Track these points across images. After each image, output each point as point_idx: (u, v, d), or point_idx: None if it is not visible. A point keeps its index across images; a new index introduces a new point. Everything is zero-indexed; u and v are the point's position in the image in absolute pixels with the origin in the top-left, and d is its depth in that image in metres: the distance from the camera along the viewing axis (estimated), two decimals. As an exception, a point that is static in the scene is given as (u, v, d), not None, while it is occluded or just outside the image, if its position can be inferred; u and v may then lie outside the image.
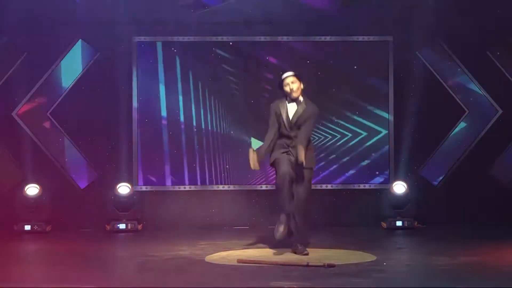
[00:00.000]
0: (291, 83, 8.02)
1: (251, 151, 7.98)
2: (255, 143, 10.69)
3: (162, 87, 10.69)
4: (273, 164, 8.11)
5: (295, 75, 8.05)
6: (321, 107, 8.48)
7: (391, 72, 10.75)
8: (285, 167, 7.89)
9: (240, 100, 10.77)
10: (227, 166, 10.76)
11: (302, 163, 7.84)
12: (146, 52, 10.68)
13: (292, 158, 7.94)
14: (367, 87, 10.79)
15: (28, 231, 10.06)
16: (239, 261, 7.59)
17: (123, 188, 10.31)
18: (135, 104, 10.63)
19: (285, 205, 7.91)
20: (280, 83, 8.09)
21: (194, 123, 10.73)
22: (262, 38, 10.75)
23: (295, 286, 6.40)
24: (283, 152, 7.99)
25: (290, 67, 10.37)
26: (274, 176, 8.27)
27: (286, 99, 8.09)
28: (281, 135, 8.07)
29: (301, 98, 8.06)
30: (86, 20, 10.55)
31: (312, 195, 8.25)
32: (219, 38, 10.73)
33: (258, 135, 10.66)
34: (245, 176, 10.74)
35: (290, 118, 7.99)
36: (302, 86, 8.07)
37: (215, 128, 10.74)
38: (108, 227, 10.25)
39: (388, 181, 10.71)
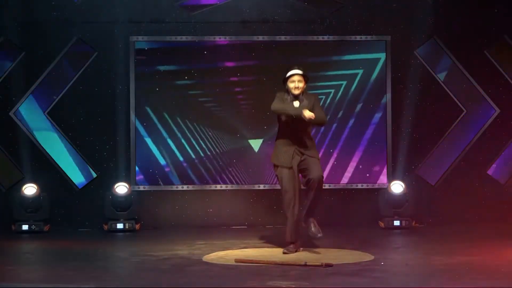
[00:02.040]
0: (298, 81, 8.03)
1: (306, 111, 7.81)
2: (254, 144, 10.70)
3: (158, 86, 10.72)
4: (275, 166, 8.13)
5: (303, 75, 8.06)
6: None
7: (389, 71, 10.75)
8: (289, 192, 7.94)
9: (237, 97, 10.78)
10: (225, 166, 10.75)
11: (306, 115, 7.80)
12: (143, 51, 10.67)
13: (298, 158, 7.99)
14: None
15: (26, 230, 10.05)
16: (237, 260, 7.59)
17: (121, 188, 10.30)
18: (132, 103, 10.62)
19: (291, 233, 8.03)
20: (286, 77, 8.07)
21: (192, 122, 10.72)
22: (260, 38, 10.75)
23: (293, 286, 6.40)
24: (288, 150, 8.00)
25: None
26: (274, 176, 8.23)
27: (289, 95, 8.09)
28: (285, 130, 8.07)
29: (301, 94, 8.09)
30: (84, 19, 10.56)
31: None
32: (217, 38, 10.73)
33: (254, 136, 10.69)
34: (243, 175, 10.74)
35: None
36: (306, 84, 8.11)
37: (213, 127, 10.73)
38: (105, 227, 10.25)
39: (386, 180, 10.71)
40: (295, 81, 8.04)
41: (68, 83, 10.63)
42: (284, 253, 7.99)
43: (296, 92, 8.03)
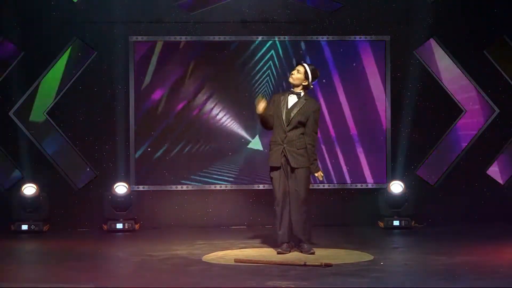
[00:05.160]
0: (297, 71, 8.08)
1: (261, 99, 8.02)
2: (255, 145, 10.69)
3: (158, 86, 10.71)
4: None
5: (305, 67, 8.07)
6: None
7: (388, 71, 10.75)
8: (278, 195, 7.99)
9: (239, 98, 10.75)
10: (225, 166, 10.74)
11: (321, 175, 8.12)
12: (142, 51, 10.67)
13: (286, 159, 7.99)
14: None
15: (25, 230, 10.05)
16: (236, 260, 7.59)
17: (120, 188, 10.30)
18: (132, 103, 10.62)
19: (278, 234, 8.07)
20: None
21: (191, 124, 10.71)
22: (260, 38, 10.75)
23: (292, 286, 6.40)
24: (278, 149, 8.01)
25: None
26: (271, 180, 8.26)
27: (288, 91, 8.13)
28: (276, 129, 8.07)
29: (302, 93, 8.08)
30: (83, 19, 10.56)
31: (311, 193, 8.27)
32: (216, 38, 10.72)
33: (251, 136, 10.69)
34: (242, 175, 10.74)
35: (291, 112, 7.98)
36: (306, 82, 8.09)
37: (212, 128, 10.72)
38: (105, 227, 10.25)
39: (385, 180, 10.71)
40: (295, 69, 8.10)
41: (68, 83, 10.62)
42: (278, 253, 7.98)
43: (290, 80, 8.10)
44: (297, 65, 8.16)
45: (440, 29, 10.80)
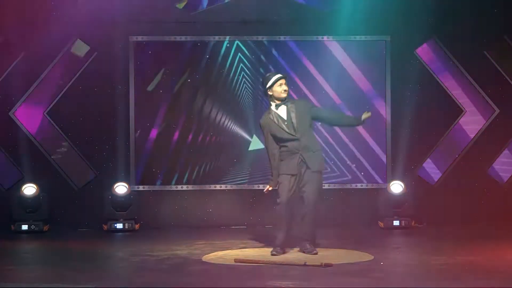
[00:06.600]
0: (285, 84, 8.04)
1: (269, 187, 8.10)
2: (256, 145, 10.69)
3: (158, 87, 10.70)
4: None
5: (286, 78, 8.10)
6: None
7: (388, 71, 10.75)
8: (284, 196, 7.94)
9: (238, 100, 10.75)
10: (225, 166, 10.75)
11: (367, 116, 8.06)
12: (143, 51, 10.67)
13: (304, 166, 7.94)
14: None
15: (25, 230, 10.06)
16: (236, 260, 7.59)
17: (120, 188, 10.30)
18: (132, 103, 10.62)
19: (277, 237, 8.04)
20: (272, 83, 8.01)
21: (192, 123, 10.71)
22: (260, 38, 10.75)
23: (292, 286, 6.40)
24: (293, 157, 7.95)
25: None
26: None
27: (272, 108, 8.06)
28: (285, 142, 7.99)
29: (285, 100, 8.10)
30: (83, 19, 10.55)
31: (322, 197, 8.27)
32: (216, 38, 10.72)
33: (249, 136, 10.69)
34: (242, 175, 10.74)
35: (291, 120, 7.96)
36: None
37: (212, 128, 10.73)
38: (105, 227, 10.25)
39: (385, 180, 10.71)
40: (283, 84, 8.03)
41: (68, 83, 10.62)
42: (272, 254, 7.95)
43: (285, 95, 8.03)
44: (278, 80, 8.01)
45: (440, 29, 10.80)
